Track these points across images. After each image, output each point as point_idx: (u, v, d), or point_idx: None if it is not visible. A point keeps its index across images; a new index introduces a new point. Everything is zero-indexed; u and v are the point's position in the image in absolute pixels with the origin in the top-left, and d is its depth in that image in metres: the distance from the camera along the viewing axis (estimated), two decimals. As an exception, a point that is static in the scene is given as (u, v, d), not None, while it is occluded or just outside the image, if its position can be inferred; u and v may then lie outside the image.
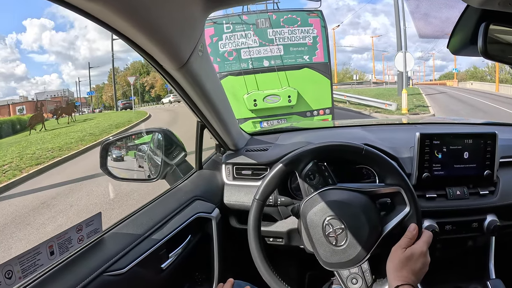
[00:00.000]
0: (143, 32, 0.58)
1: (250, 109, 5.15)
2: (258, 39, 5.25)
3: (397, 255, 0.82)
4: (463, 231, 1.14)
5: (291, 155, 0.93)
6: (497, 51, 0.69)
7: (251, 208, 0.91)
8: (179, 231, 0.97)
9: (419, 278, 0.80)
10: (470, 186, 1.15)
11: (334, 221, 0.86)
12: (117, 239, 0.83)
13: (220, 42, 5.18)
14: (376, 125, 1.74)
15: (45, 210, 4.97)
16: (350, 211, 0.87)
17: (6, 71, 67.29)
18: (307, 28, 5.31)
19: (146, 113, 19.52)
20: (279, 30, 5.27)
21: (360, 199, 0.88)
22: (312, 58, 5.30)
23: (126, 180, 1.23)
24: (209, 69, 0.89)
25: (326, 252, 0.87)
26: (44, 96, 33.39)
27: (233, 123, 1.19)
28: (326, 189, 0.90)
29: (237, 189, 1.23)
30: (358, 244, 0.85)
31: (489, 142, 1.12)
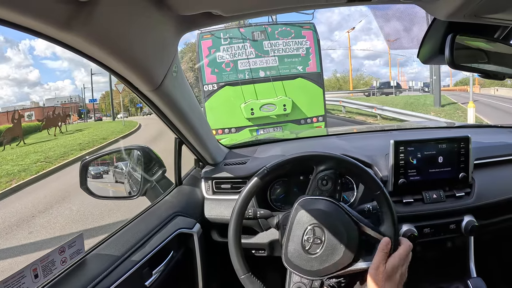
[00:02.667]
0: (116, 58, 0.58)
1: (247, 118, 5.32)
2: (254, 51, 5.43)
3: (378, 277, 0.79)
4: (441, 233, 1.14)
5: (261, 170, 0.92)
6: (463, 60, 0.71)
7: (230, 221, 0.90)
8: (162, 248, 0.96)
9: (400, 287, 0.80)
10: (446, 189, 1.16)
11: (317, 229, 0.85)
12: (100, 259, 0.82)
13: (217, 53, 5.36)
14: (351, 133, 1.75)
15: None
16: (332, 223, 0.85)
17: (19, 77, 66.58)
18: (301, 40, 5.51)
19: (136, 124, 18.86)
20: (274, 42, 5.46)
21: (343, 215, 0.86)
22: (305, 68, 5.49)
23: (106, 198, 1.21)
24: (184, 88, 0.89)
25: (294, 251, 0.86)
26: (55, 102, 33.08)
27: (210, 138, 1.19)
28: (310, 198, 0.90)
29: (217, 203, 1.22)
30: (330, 259, 0.83)
31: (462, 145, 1.14)
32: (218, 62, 5.37)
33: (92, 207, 4.92)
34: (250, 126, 5.39)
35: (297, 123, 5.49)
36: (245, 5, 0.65)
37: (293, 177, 1.20)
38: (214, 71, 5.36)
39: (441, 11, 0.62)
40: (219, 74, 5.37)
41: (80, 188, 1.09)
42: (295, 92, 5.46)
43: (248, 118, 5.33)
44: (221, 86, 5.35)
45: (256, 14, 0.69)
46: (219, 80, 5.35)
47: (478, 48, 0.74)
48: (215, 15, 0.63)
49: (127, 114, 34.64)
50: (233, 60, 5.40)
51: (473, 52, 0.73)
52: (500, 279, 1.48)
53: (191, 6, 0.61)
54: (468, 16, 0.60)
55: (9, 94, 64.36)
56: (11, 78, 64.90)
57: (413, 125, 2.51)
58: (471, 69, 0.74)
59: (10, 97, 63.42)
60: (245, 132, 5.39)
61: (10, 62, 68.93)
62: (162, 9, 0.60)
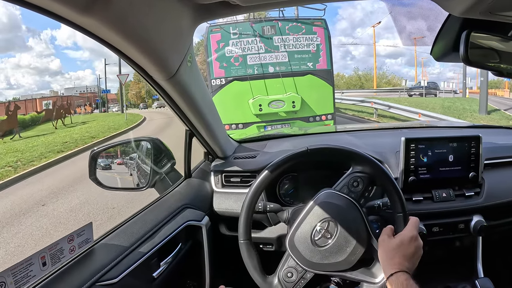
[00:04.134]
0: (133, 44, 0.58)
1: (255, 114, 5.19)
2: (264, 46, 5.29)
3: (386, 244, 0.80)
4: (450, 232, 1.14)
5: (275, 161, 0.92)
6: (478, 57, 0.70)
7: (241, 215, 0.90)
8: (170, 240, 0.96)
9: (413, 263, 0.78)
10: (456, 188, 1.15)
11: (332, 224, 0.85)
12: (108, 249, 0.82)
13: (226, 47, 5.24)
14: (362, 130, 1.74)
15: None
16: (347, 225, 0.85)
17: (40, 66, 67.08)
18: (311, 36, 5.36)
19: (139, 118, 17.76)
20: (284, 37, 5.32)
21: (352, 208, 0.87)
22: (315, 65, 5.35)
23: (115, 189, 1.20)
24: (198, 79, 0.89)
25: (301, 237, 0.85)
26: (73, 91, 32.82)
27: (221, 132, 1.19)
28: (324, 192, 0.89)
29: (226, 196, 1.21)
30: (333, 258, 0.83)
31: (473, 144, 1.13)
32: (227, 57, 5.25)
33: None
34: (258, 122, 5.28)
35: (306, 120, 5.36)
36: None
37: (302, 173, 1.19)
38: (223, 65, 5.24)
39: (456, 7, 0.61)
40: (227, 68, 5.25)
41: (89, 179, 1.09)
42: (305, 89, 5.32)
43: (256, 114, 5.20)
44: (230, 81, 5.23)
45: (274, 5, 0.68)
46: (227, 75, 5.24)
47: (490, 48, 0.73)
48: (233, 4, 0.62)
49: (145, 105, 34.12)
50: (242, 54, 5.27)
51: (485, 51, 0.72)
52: (508, 280, 1.44)
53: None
54: (483, 13, 0.59)
55: (30, 83, 64.92)
56: (33, 67, 65.40)
57: (424, 124, 2.49)
58: (485, 66, 0.73)
59: (31, 85, 63.91)
60: (252, 128, 5.27)
61: (32, 51, 69.46)
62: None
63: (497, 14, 0.61)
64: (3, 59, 66.24)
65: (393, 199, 0.88)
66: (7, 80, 61.50)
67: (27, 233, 3.95)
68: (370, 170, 0.89)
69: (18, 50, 66.68)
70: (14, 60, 66.07)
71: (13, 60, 65.88)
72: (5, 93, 62.77)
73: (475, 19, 0.63)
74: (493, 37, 0.71)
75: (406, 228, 0.81)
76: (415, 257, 0.78)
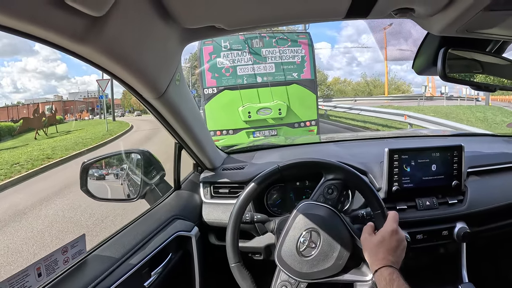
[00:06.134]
0: (124, 67, 0.60)
1: (244, 120, 5.57)
2: (252, 58, 5.67)
3: (368, 242, 0.81)
4: (434, 239, 1.14)
5: (261, 174, 0.95)
6: (458, 70, 0.73)
7: (228, 226, 0.92)
8: (161, 250, 0.97)
9: (398, 256, 0.78)
10: (439, 196, 1.16)
11: (314, 234, 0.87)
12: (101, 260, 0.83)
13: (218, 59, 5.61)
14: (348, 140, 1.76)
15: None
16: (329, 231, 0.87)
17: (47, 70, 65.96)
18: (296, 48, 5.75)
19: (125, 127, 16.61)
20: (272, 49, 5.71)
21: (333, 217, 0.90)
22: (300, 75, 5.73)
23: (106, 200, 1.21)
24: (186, 96, 0.90)
25: (287, 251, 0.88)
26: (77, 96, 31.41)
27: (210, 144, 1.21)
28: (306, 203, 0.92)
29: (215, 207, 1.22)
30: (321, 265, 0.86)
31: (456, 154, 1.14)
32: (218, 67, 5.61)
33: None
34: (247, 128, 5.64)
35: (291, 126, 5.73)
36: (247, 20, 0.68)
37: (290, 183, 1.22)
38: (214, 75, 5.60)
39: (434, 26, 0.64)
40: (219, 78, 5.61)
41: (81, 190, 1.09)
42: (290, 98, 5.70)
43: (245, 120, 5.58)
44: (221, 90, 5.60)
45: (256, 28, 0.73)
46: (218, 84, 5.60)
47: (473, 59, 0.75)
48: (218, 28, 0.66)
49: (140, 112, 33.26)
50: (233, 65, 5.64)
51: (468, 62, 0.75)
52: (491, 285, 1.50)
53: (196, 20, 0.64)
54: (460, 31, 0.61)
55: (36, 87, 64.28)
56: (39, 71, 64.70)
57: (408, 133, 2.53)
58: (462, 81, 0.76)
59: (37, 89, 63.28)
60: (242, 134, 5.63)
61: (38, 55, 68.87)
62: (168, 22, 0.62)
63: (473, 32, 0.62)
64: (9, 63, 65.85)
65: (368, 198, 0.91)
66: (13, 83, 61.15)
67: None
68: (341, 176, 0.92)
69: (25, 54, 66.35)
70: (21, 64, 65.72)
71: (19, 64, 65.54)
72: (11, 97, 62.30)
73: (453, 37, 0.65)
74: (471, 53, 0.74)
75: (386, 224, 0.82)
76: (399, 249, 0.79)
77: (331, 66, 47.15)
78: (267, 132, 5.73)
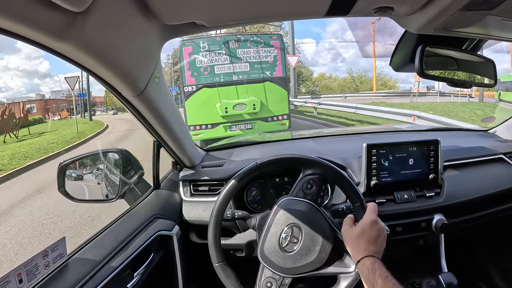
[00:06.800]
0: (103, 65, 0.58)
1: (221, 116, 5.77)
2: (229, 57, 5.88)
3: (349, 234, 0.80)
4: (413, 231, 1.14)
5: (240, 172, 0.92)
6: (434, 67, 0.71)
7: (210, 224, 0.89)
8: (142, 250, 0.94)
9: (379, 246, 0.77)
10: (417, 189, 1.16)
11: (296, 229, 0.86)
12: (82, 263, 0.80)
13: (197, 59, 5.77)
14: (326, 136, 1.74)
15: None
16: (310, 226, 0.86)
17: (29, 68, 62.89)
18: (269, 49, 6.01)
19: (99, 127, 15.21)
20: (246, 50, 5.95)
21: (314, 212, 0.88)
22: (272, 73, 6.01)
23: (84, 201, 1.17)
24: (165, 93, 0.87)
25: (270, 247, 0.86)
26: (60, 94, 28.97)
27: (188, 142, 1.17)
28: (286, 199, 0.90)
29: (195, 205, 1.19)
30: (304, 259, 0.84)
31: (432, 148, 1.15)
32: (197, 67, 5.79)
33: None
34: (224, 122, 5.86)
35: (265, 120, 6.00)
36: (227, 17, 0.66)
37: (269, 180, 1.20)
38: (194, 74, 5.77)
39: (412, 24, 0.63)
40: (198, 77, 5.78)
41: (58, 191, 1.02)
42: (264, 94, 5.96)
43: (222, 115, 5.79)
44: (200, 88, 5.80)
45: (236, 24, 0.71)
46: (197, 82, 5.78)
47: (449, 56, 0.75)
48: (199, 24, 0.64)
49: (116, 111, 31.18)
50: (211, 65, 5.83)
51: (444, 59, 0.74)
52: (470, 274, 1.52)
53: (177, 16, 0.62)
54: (437, 29, 0.60)
55: (19, 85, 61.30)
56: (21, 69, 61.85)
57: (385, 128, 2.49)
58: (439, 78, 0.75)
59: (20, 88, 60.46)
60: (219, 128, 5.84)
61: (21, 53, 65.72)
62: (149, 18, 0.60)
63: (450, 30, 0.62)
64: (-10, 62, 62.74)
65: (347, 191, 0.90)
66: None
67: None
68: (319, 170, 0.91)
69: (7, 52, 63.43)
70: (2, 62, 62.95)
71: (1, 62, 62.79)
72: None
73: (430, 35, 0.64)
74: (448, 51, 0.73)
75: (365, 215, 0.81)
76: (380, 239, 0.77)
77: (316, 62, 47.30)
78: (243, 126, 5.95)
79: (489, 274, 1.53)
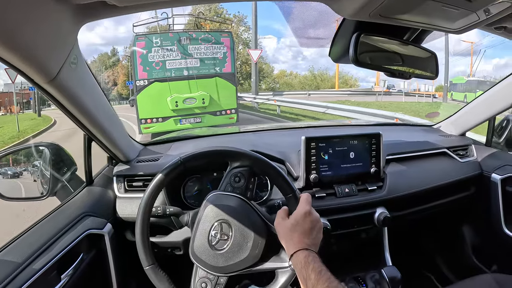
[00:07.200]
0: (6, 47, 0.54)
1: (172, 109, 6.10)
2: (180, 53, 6.18)
3: (282, 227, 0.76)
4: (354, 225, 1.13)
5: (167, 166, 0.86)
6: (367, 59, 0.70)
7: (137, 217, 0.84)
8: (70, 250, 0.89)
9: (314, 238, 0.73)
10: (359, 183, 1.14)
11: (225, 225, 0.82)
12: (2, 264, 0.76)
13: (149, 54, 6.03)
14: (265, 130, 1.69)
15: None
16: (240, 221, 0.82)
17: None
18: (219, 45, 6.35)
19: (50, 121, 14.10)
20: (197, 46, 6.27)
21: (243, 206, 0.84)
22: (222, 69, 6.38)
23: (16, 199, 1.11)
24: (87, 81, 0.83)
25: (200, 246, 0.82)
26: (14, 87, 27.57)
27: (122, 135, 1.13)
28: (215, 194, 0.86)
29: (129, 201, 1.14)
30: (236, 257, 0.80)
31: (374, 141, 1.13)
32: (149, 61, 6.06)
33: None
34: (175, 116, 6.18)
35: (214, 114, 6.38)
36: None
37: (206, 174, 1.16)
38: (146, 68, 6.04)
39: (346, 9, 0.60)
40: (149, 71, 6.06)
41: None
42: (213, 89, 6.32)
43: (173, 109, 6.11)
44: (151, 82, 6.08)
45: (152, 6, 0.66)
46: (149, 77, 6.06)
47: (393, 51, 0.73)
48: (110, 5, 0.60)
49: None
50: (162, 60, 6.12)
51: (388, 54, 0.73)
52: (418, 267, 1.53)
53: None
54: (373, 15, 0.58)
55: None
56: None
57: (329, 123, 2.42)
58: (376, 67, 0.72)
59: None
60: (170, 121, 6.17)
61: None
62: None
63: (387, 17, 0.60)
64: None
65: (279, 183, 0.86)
66: None
67: None
68: (246, 162, 0.87)
69: None
70: None
71: None
72: None
73: (369, 22, 0.61)
74: (389, 40, 0.71)
75: (298, 206, 0.77)
76: (314, 231, 0.74)
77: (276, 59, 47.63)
78: (192, 119, 6.31)
79: (437, 265, 1.57)
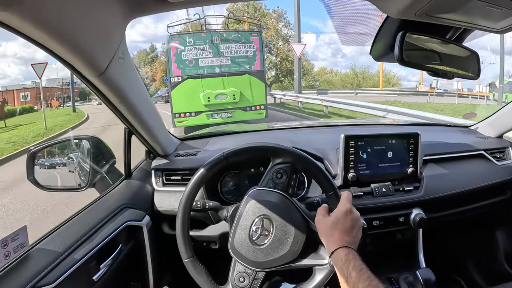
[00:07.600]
0: (57, 40, 0.54)
1: (204, 104, 6.42)
2: (212, 52, 6.52)
3: (322, 224, 0.76)
4: (390, 225, 1.12)
5: (209, 161, 0.87)
6: (413, 58, 0.69)
7: (178, 211, 0.86)
8: (109, 241, 0.90)
9: (354, 236, 0.73)
10: (396, 183, 1.13)
11: (266, 221, 0.82)
12: (45, 253, 0.77)
13: (183, 52, 6.40)
14: (303, 127, 1.67)
15: None
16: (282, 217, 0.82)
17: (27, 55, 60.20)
18: (249, 44, 6.65)
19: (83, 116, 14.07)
20: (228, 45, 6.59)
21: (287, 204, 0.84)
22: (251, 67, 6.66)
23: (54, 189, 1.13)
24: (132, 76, 0.84)
25: (240, 240, 0.82)
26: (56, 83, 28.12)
27: (161, 129, 1.13)
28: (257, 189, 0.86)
29: (167, 195, 1.15)
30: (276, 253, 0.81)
31: (412, 141, 1.12)
32: (183, 59, 6.42)
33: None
34: (207, 111, 6.49)
35: (244, 109, 6.66)
36: None
37: (244, 170, 1.17)
38: (180, 66, 6.41)
39: (392, 8, 0.60)
40: (183, 69, 6.41)
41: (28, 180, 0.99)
42: (243, 85, 6.61)
43: (205, 104, 6.44)
44: (185, 79, 6.44)
45: (203, 2, 0.68)
46: (183, 74, 6.42)
47: (432, 50, 0.73)
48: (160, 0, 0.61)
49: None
50: (195, 58, 6.48)
51: (426, 53, 0.72)
52: (448, 270, 1.49)
53: None
54: (419, 14, 0.58)
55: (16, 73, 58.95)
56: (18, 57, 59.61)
57: (366, 121, 2.41)
58: (420, 67, 0.72)
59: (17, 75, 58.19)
60: (202, 116, 6.49)
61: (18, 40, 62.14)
62: None
63: (433, 16, 0.59)
64: (-12, 49, 59.90)
65: (319, 180, 0.86)
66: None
67: None
68: (289, 159, 0.87)
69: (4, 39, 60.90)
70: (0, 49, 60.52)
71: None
72: (-10, 83, 56.11)
73: (413, 21, 0.61)
74: (431, 39, 0.70)
75: (339, 204, 0.77)
76: (355, 229, 0.74)
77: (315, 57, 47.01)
78: (223, 114, 6.60)
79: (467, 270, 1.54)
